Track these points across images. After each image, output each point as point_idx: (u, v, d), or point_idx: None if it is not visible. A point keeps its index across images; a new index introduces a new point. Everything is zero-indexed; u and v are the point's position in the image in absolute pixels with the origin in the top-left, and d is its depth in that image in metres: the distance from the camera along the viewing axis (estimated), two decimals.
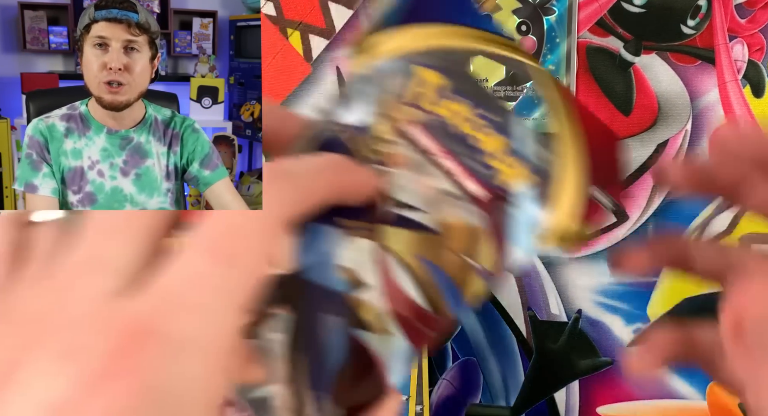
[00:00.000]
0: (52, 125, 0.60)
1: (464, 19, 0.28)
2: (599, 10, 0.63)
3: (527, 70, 0.29)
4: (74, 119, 0.61)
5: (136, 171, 0.59)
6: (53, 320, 0.17)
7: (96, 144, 0.59)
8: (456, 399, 0.65)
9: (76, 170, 0.59)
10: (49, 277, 0.18)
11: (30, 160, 0.60)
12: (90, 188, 0.58)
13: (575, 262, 0.64)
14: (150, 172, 0.59)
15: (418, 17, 0.27)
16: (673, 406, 0.64)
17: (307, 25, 0.63)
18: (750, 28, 0.63)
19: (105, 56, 0.57)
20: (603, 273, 0.63)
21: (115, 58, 0.57)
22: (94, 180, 0.59)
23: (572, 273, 0.64)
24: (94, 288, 0.17)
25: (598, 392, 0.65)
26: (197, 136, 0.60)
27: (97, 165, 0.59)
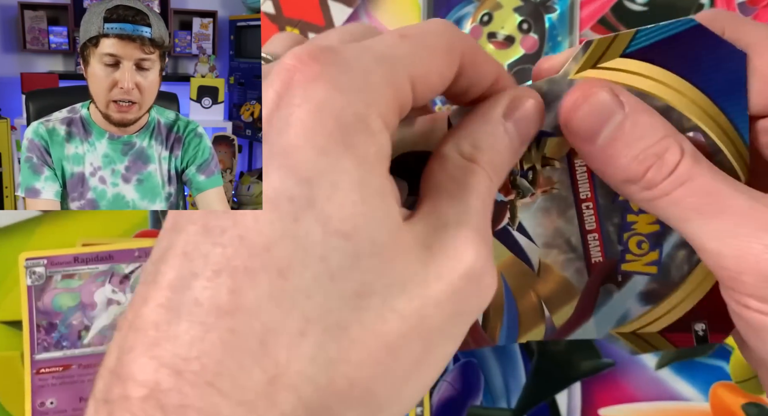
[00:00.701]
0: (53, 129, 0.59)
1: (700, 81, 0.25)
2: (601, 9, 0.63)
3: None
4: (75, 123, 0.59)
5: (138, 176, 0.58)
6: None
7: (98, 150, 0.58)
8: (456, 401, 0.64)
9: (77, 176, 0.58)
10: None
11: (30, 163, 0.59)
12: (92, 195, 0.58)
13: None
14: (152, 177, 0.58)
15: (655, 57, 0.25)
16: (675, 408, 0.63)
17: (306, 23, 0.63)
18: None
19: (115, 73, 0.55)
20: None
21: (127, 78, 0.55)
22: (96, 187, 0.58)
23: None
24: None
25: (599, 393, 0.64)
26: (199, 141, 0.59)
27: (99, 171, 0.58)
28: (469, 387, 0.64)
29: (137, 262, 0.61)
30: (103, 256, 0.61)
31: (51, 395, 0.60)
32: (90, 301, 0.60)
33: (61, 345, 0.60)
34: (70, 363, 0.60)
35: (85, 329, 0.60)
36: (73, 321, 0.60)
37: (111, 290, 0.61)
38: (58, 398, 0.60)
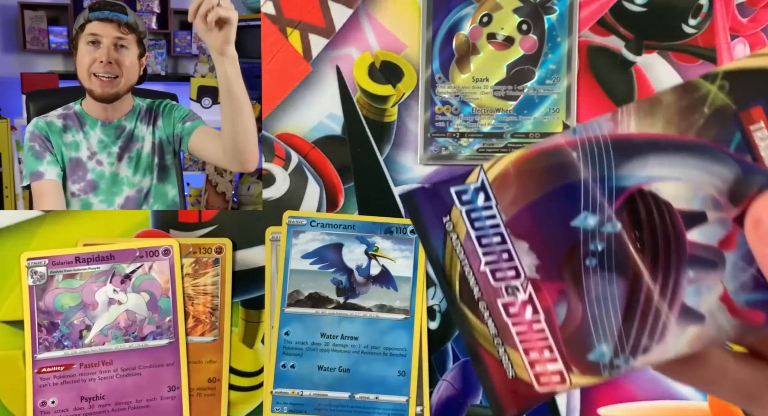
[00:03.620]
0: (51, 121, 0.67)
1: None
2: (600, 9, 0.63)
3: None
4: (70, 117, 0.66)
5: (129, 155, 0.65)
6: None
7: (92, 136, 0.65)
8: (456, 401, 0.64)
9: (76, 161, 0.64)
10: None
11: (33, 151, 0.66)
12: (91, 176, 0.64)
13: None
14: (141, 153, 0.65)
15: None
16: (674, 407, 0.63)
17: (306, 24, 0.63)
18: (751, 27, 0.62)
19: (96, 52, 0.65)
20: None
21: (105, 53, 0.64)
22: (94, 168, 0.64)
23: None
24: None
25: (599, 392, 0.64)
26: (175, 106, 0.67)
27: (96, 156, 0.64)
28: (469, 386, 0.65)
29: (138, 262, 0.61)
30: (105, 256, 0.61)
31: (52, 394, 0.60)
32: (91, 301, 0.61)
33: (62, 345, 0.60)
34: (72, 363, 0.60)
35: (87, 328, 0.60)
36: (74, 320, 0.60)
37: (112, 290, 0.61)
38: (60, 397, 0.60)
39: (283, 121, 0.64)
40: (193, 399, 0.62)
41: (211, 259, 0.62)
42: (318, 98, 0.63)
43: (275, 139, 0.63)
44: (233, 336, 0.63)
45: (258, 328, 0.63)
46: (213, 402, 0.62)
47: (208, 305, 0.62)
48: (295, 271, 0.62)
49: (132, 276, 0.61)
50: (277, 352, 0.62)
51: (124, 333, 0.61)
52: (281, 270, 0.62)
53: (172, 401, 0.61)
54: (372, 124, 0.63)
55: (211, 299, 0.62)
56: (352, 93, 0.63)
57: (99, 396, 0.60)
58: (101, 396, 0.60)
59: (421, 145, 0.63)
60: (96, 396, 0.60)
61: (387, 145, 0.63)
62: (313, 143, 0.63)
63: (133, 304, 0.61)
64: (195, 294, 0.62)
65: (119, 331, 0.61)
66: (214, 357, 0.62)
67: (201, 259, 0.62)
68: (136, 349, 0.61)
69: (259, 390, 0.63)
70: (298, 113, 0.63)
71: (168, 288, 0.61)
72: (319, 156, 0.63)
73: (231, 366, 0.63)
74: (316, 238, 0.62)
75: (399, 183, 0.63)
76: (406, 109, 0.63)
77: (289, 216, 0.62)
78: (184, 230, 0.63)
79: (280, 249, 0.62)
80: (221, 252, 0.62)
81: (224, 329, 0.62)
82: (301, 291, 0.62)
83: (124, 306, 0.61)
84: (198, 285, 0.62)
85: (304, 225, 0.62)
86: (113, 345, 0.61)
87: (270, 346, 0.62)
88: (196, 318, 0.62)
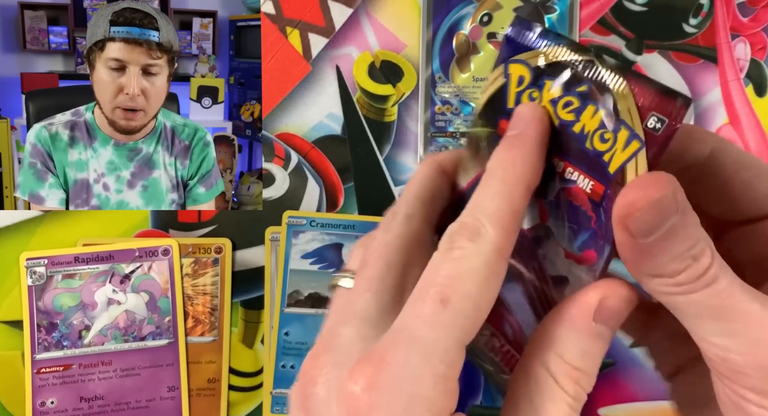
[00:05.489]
0: (56, 134, 0.57)
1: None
2: (601, 9, 0.63)
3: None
4: (79, 127, 0.57)
5: (143, 183, 0.57)
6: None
7: (102, 156, 0.56)
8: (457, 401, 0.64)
9: (80, 183, 0.57)
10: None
11: (34, 169, 0.58)
12: (95, 202, 0.56)
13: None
14: (157, 183, 0.57)
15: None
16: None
17: (306, 23, 0.63)
18: (752, 26, 0.62)
19: (121, 78, 0.52)
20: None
21: (133, 84, 0.52)
22: (100, 194, 0.56)
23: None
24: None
25: (599, 393, 0.64)
26: (207, 153, 0.58)
27: (103, 178, 0.56)
28: (469, 386, 0.64)
29: (137, 262, 0.61)
30: (104, 256, 0.61)
31: (51, 394, 0.60)
32: (90, 301, 0.60)
33: (61, 345, 0.60)
34: (71, 363, 0.60)
35: (86, 329, 0.60)
36: (73, 320, 0.60)
37: (111, 290, 0.61)
38: (59, 397, 0.60)
39: (282, 121, 0.63)
40: (192, 399, 0.61)
41: (211, 259, 0.62)
42: (318, 98, 0.63)
43: (275, 139, 0.63)
44: (233, 336, 0.63)
45: (258, 328, 0.63)
46: (213, 403, 0.62)
47: (207, 305, 0.62)
48: (294, 271, 0.62)
49: (131, 276, 0.61)
50: (276, 352, 0.62)
51: (124, 334, 0.61)
52: (281, 270, 0.62)
53: (171, 401, 0.61)
54: (372, 124, 0.63)
55: (210, 299, 0.62)
56: (352, 92, 0.63)
57: (98, 397, 0.60)
58: (100, 396, 0.60)
59: (421, 144, 0.63)
60: (95, 396, 0.60)
61: (387, 144, 0.63)
62: (313, 143, 0.63)
63: (133, 304, 0.61)
64: (194, 294, 0.62)
65: (119, 331, 0.61)
66: (214, 357, 0.62)
67: (200, 259, 0.62)
68: (136, 349, 0.61)
69: (258, 391, 0.63)
70: (297, 113, 0.63)
71: (167, 288, 0.61)
72: (319, 156, 0.63)
73: (231, 367, 0.63)
74: (315, 238, 0.62)
75: (399, 183, 0.63)
76: (406, 108, 0.63)
77: (288, 216, 0.62)
78: (184, 230, 0.63)
79: (279, 249, 0.62)
80: (221, 252, 0.62)
81: (224, 329, 0.62)
82: (301, 292, 0.62)
83: (124, 307, 0.61)
84: (197, 285, 0.62)
85: (304, 225, 0.62)
86: (112, 346, 0.60)
87: (270, 346, 0.62)
88: (195, 319, 0.62)
